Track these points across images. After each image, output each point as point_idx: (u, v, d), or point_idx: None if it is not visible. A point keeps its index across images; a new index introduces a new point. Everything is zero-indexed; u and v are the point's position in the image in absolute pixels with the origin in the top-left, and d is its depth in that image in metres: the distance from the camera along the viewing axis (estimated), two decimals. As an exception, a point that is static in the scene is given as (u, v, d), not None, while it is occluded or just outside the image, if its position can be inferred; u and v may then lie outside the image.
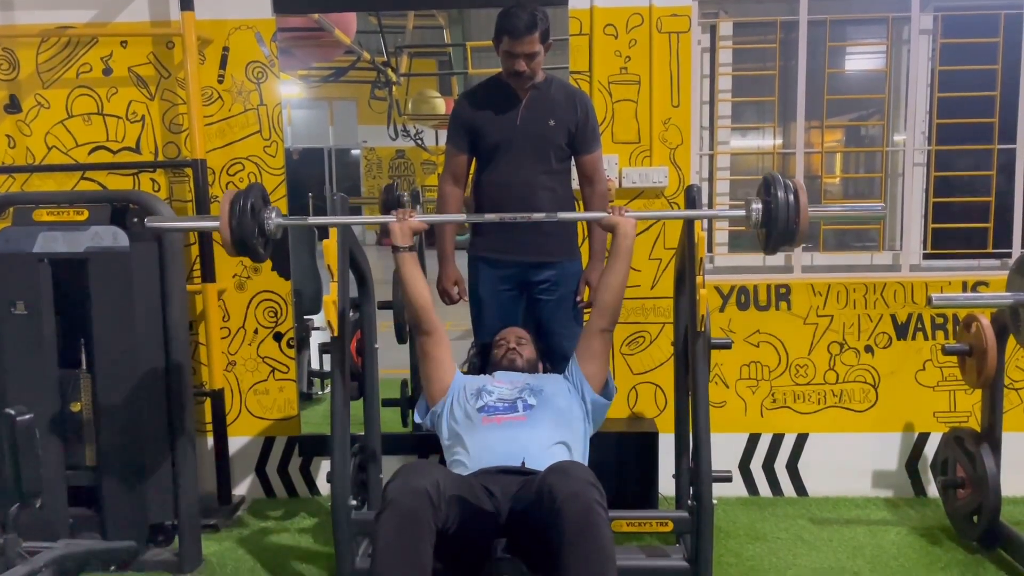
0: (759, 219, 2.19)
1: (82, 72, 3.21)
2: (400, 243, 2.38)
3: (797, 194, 2.12)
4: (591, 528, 1.83)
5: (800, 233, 2.13)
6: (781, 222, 2.13)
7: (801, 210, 2.11)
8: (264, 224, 2.25)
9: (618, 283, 2.42)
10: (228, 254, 2.27)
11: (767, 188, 2.18)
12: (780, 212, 2.12)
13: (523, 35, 2.63)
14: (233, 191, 2.22)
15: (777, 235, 2.15)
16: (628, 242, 2.40)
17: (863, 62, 3.74)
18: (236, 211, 2.18)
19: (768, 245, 2.21)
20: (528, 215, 2.51)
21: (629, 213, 2.40)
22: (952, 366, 3.18)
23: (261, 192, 2.28)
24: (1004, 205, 3.28)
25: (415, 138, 8.86)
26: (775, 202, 2.13)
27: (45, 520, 2.70)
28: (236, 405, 3.34)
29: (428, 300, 2.43)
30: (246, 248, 2.22)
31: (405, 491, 1.88)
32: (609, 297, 2.43)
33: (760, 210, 2.19)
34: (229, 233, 2.18)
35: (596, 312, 2.46)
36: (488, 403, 2.38)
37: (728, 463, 3.27)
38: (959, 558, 2.76)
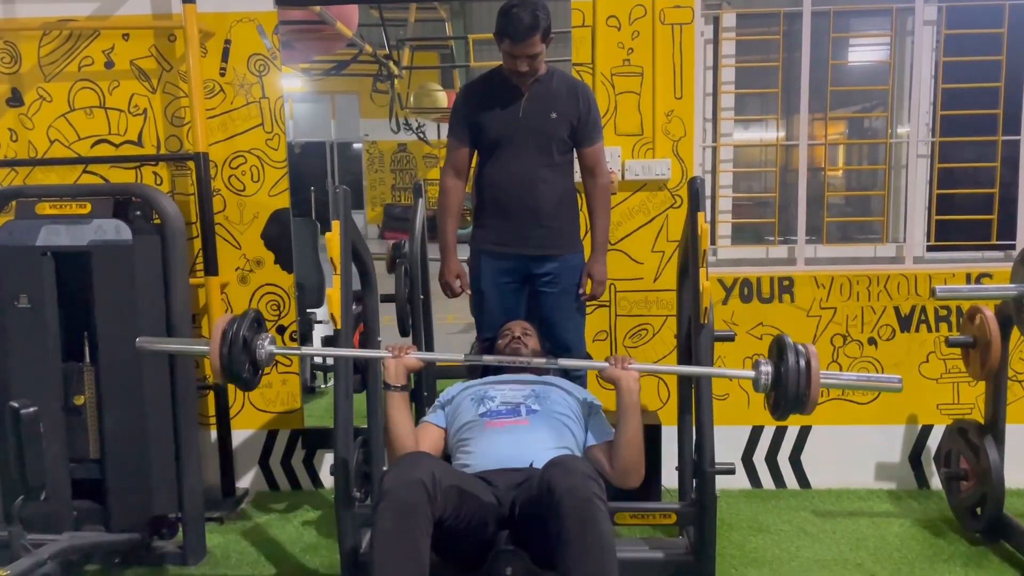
0: (768, 382, 2.09)
1: (84, 65, 3.21)
2: (393, 381, 2.26)
3: (809, 361, 2.02)
4: (591, 521, 1.83)
5: (810, 402, 2.02)
6: (791, 389, 2.02)
7: (812, 378, 2.01)
8: (255, 353, 2.19)
9: (634, 439, 2.24)
10: (216, 381, 2.21)
11: (778, 352, 2.09)
12: (790, 378, 2.02)
13: (524, 38, 2.62)
14: (227, 316, 2.17)
15: (787, 403, 2.05)
16: (633, 397, 2.24)
17: (867, 53, 3.72)
18: (227, 339, 2.12)
19: (776, 411, 2.11)
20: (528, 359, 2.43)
21: (632, 365, 2.27)
22: (955, 358, 3.17)
23: (256, 318, 2.23)
24: (1008, 197, 3.28)
25: (417, 131, 8.85)
26: (785, 367, 2.03)
27: (49, 513, 2.70)
28: (239, 398, 3.35)
29: (411, 442, 2.27)
30: (235, 378, 2.17)
31: (401, 482, 1.88)
32: (626, 454, 2.24)
33: (770, 373, 2.09)
34: (219, 361, 2.13)
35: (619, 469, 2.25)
36: (491, 408, 2.37)
37: (731, 455, 3.27)
38: (962, 550, 2.75)
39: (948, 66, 3.29)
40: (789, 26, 3.31)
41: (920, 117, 3.31)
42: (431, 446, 2.38)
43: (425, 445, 2.35)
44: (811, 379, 2.01)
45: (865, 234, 3.73)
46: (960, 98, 3.30)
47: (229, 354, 2.13)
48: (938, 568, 2.64)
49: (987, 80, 3.25)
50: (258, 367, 2.22)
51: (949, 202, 3.38)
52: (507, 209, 2.85)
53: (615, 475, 2.25)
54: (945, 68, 3.30)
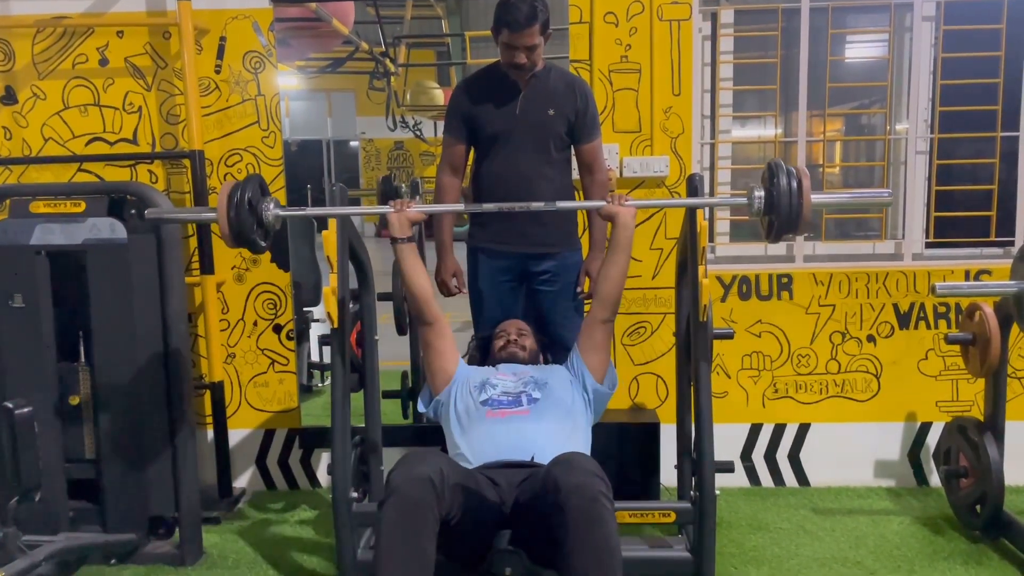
0: (761, 207, 2.15)
1: (78, 63, 3.19)
2: (398, 234, 2.36)
3: (800, 181, 2.08)
4: (596, 520, 1.82)
5: (803, 220, 2.08)
6: (784, 209, 2.08)
7: (804, 197, 2.06)
8: (262, 215, 2.23)
9: (618, 273, 2.40)
10: (227, 245, 2.25)
11: (770, 176, 2.14)
12: (783, 199, 2.08)
13: (523, 28, 2.60)
14: (231, 182, 2.20)
15: (780, 223, 2.11)
16: (628, 232, 2.36)
17: (865, 49, 3.71)
18: (234, 202, 2.16)
19: (771, 233, 2.16)
20: (527, 204, 2.47)
21: (629, 202, 2.36)
22: (954, 355, 3.17)
23: (259, 182, 2.26)
24: (1007, 193, 3.27)
25: (414, 129, 8.84)
26: (777, 189, 2.09)
27: (45, 513, 2.69)
28: (236, 397, 3.33)
29: (429, 291, 2.42)
30: (244, 240, 2.20)
31: (409, 479, 1.87)
32: (610, 287, 2.40)
33: (763, 198, 2.14)
34: (227, 225, 2.16)
35: (597, 303, 2.44)
36: (492, 396, 2.37)
37: (730, 453, 3.26)
38: (962, 547, 2.75)
39: (947, 62, 3.28)
40: (787, 22, 3.30)
41: (919, 113, 3.30)
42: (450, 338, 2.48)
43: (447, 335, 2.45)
44: (803, 198, 2.06)
45: (864, 231, 3.72)
46: (959, 94, 3.29)
47: (237, 217, 2.15)
48: (938, 566, 2.63)
49: (986, 76, 3.23)
50: (267, 229, 2.25)
51: (948, 199, 3.37)
52: (504, 206, 2.83)
53: (591, 313, 2.47)
54: (944, 64, 3.29)
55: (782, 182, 2.09)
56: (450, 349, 2.47)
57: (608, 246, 2.44)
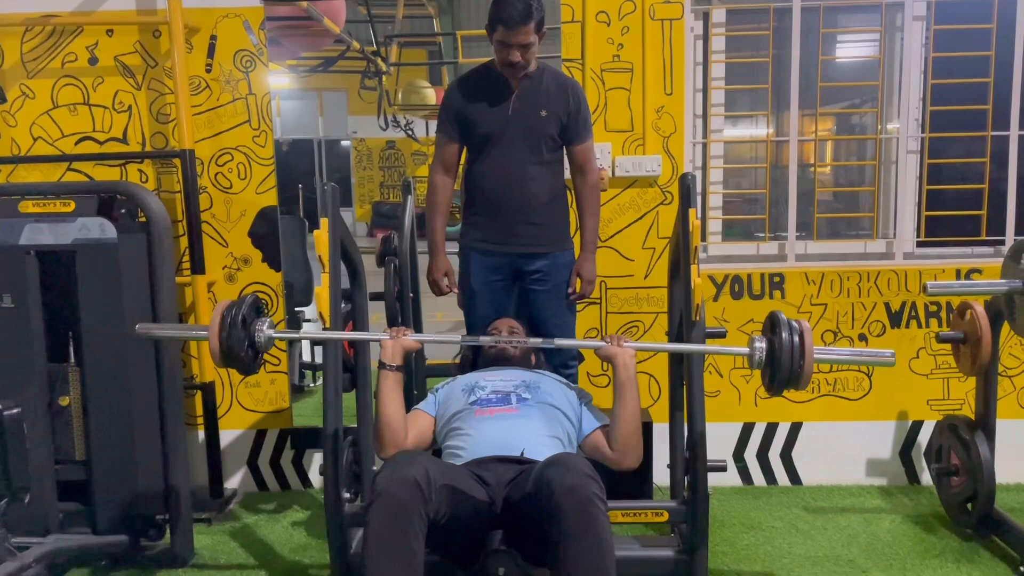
0: (762, 359, 2.09)
1: (67, 61, 3.17)
2: (389, 361, 2.25)
3: (803, 336, 2.03)
4: (590, 522, 1.81)
5: (804, 377, 2.03)
6: (785, 364, 2.03)
7: (807, 353, 2.02)
8: (255, 337, 2.17)
9: (630, 414, 2.24)
10: (216, 365, 2.21)
11: (772, 328, 2.10)
12: (784, 354, 2.03)
13: (518, 25, 2.60)
14: (226, 302, 2.16)
15: (781, 378, 2.06)
16: (629, 372, 2.26)
17: (856, 49, 3.72)
18: (226, 323, 2.12)
19: (772, 387, 2.12)
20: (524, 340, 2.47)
21: (627, 344, 2.28)
22: (946, 354, 3.18)
23: (254, 303, 2.22)
24: (997, 192, 3.28)
25: (405, 128, 8.83)
26: (779, 342, 2.04)
27: (34, 515, 2.66)
28: (227, 398, 3.32)
29: (401, 424, 2.26)
30: (235, 361, 2.16)
31: (395, 481, 1.86)
32: (624, 430, 2.24)
33: (764, 349, 2.09)
34: (218, 345, 2.12)
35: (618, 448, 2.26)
36: (481, 397, 2.36)
37: (722, 452, 3.27)
38: (953, 545, 2.76)
39: (937, 62, 3.29)
40: (779, 21, 3.30)
41: (910, 113, 3.31)
42: (419, 433, 2.37)
43: (414, 431, 2.33)
44: (805, 354, 2.03)
45: (855, 230, 3.73)
46: (949, 94, 3.30)
47: (228, 338, 2.12)
48: (929, 564, 2.64)
49: (976, 76, 3.25)
50: (258, 351, 2.21)
51: (939, 198, 3.38)
52: (496, 206, 2.83)
53: (614, 455, 2.27)
54: (934, 64, 3.30)
55: (783, 336, 2.04)
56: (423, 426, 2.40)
57: (614, 390, 2.28)
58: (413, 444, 2.31)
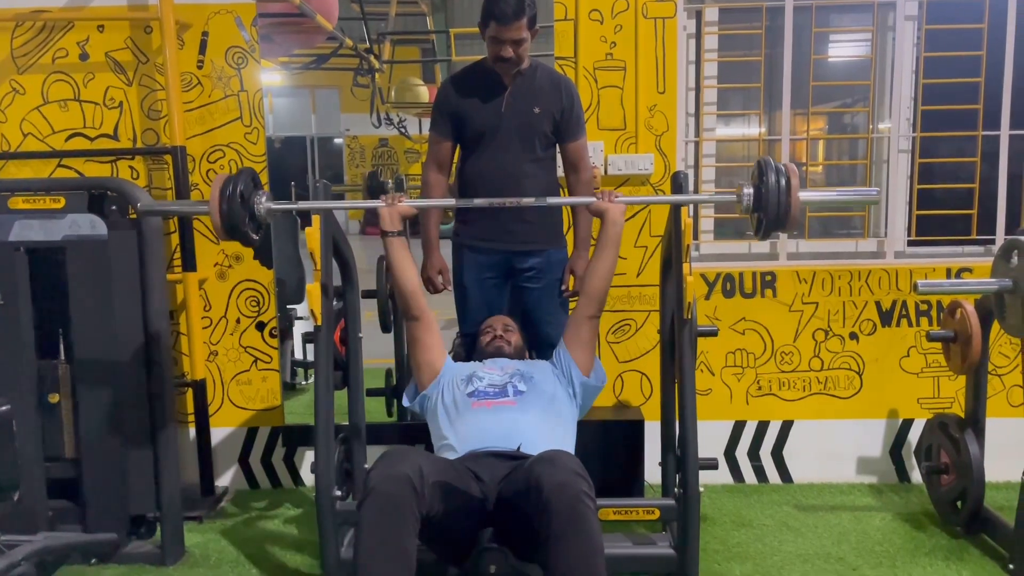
0: (750, 204, 2.16)
1: (58, 57, 3.15)
2: (389, 227, 2.38)
3: (789, 178, 2.09)
4: (579, 519, 1.82)
5: (792, 217, 2.09)
6: (772, 206, 2.10)
7: (792, 194, 2.07)
8: (255, 209, 2.23)
9: (606, 270, 2.41)
10: (218, 238, 2.25)
11: (759, 173, 2.15)
12: (771, 196, 2.09)
13: (511, 21, 2.60)
14: (224, 175, 2.21)
15: (769, 220, 2.12)
16: (617, 228, 2.38)
17: (848, 48, 3.73)
18: (226, 195, 2.16)
19: (760, 230, 2.17)
20: (517, 200, 2.48)
21: (619, 198, 2.37)
22: (936, 352, 3.19)
23: (252, 176, 2.26)
24: (988, 192, 3.29)
25: (398, 126, 8.81)
26: (766, 186, 2.10)
27: (24, 513, 2.66)
28: (218, 395, 3.31)
29: (417, 285, 2.44)
30: (237, 233, 2.21)
31: (387, 478, 1.86)
32: (597, 283, 2.41)
33: (751, 195, 2.15)
34: (219, 218, 2.17)
35: (584, 299, 2.45)
36: (478, 388, 2.37)
37: (713, 450, 3.27)
38: (943, 543, 2.77)
39: (929, 61, 3.30)
40: (771, 20, 3.31)
41: (901, 112, 3.32)
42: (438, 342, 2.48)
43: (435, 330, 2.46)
44: (791, 195, 2.07)
45: (846, 229, 3.74)
46: (941, 93, 3.31)
47: (229, 210, 2.16)
48: (919, 561, 2.65)
49: (968, 75, 3.26)
50: (258, 223, 2.26)
51: (930, 197, 3.40)
52: (490, 203, 2.82)
53: (578, 309, 2.47)
54: (926, 63, 3.31)
55: (771, 179, 2.10)
56: (437, 344, 2.47)
57: (596, 242, 2.44)
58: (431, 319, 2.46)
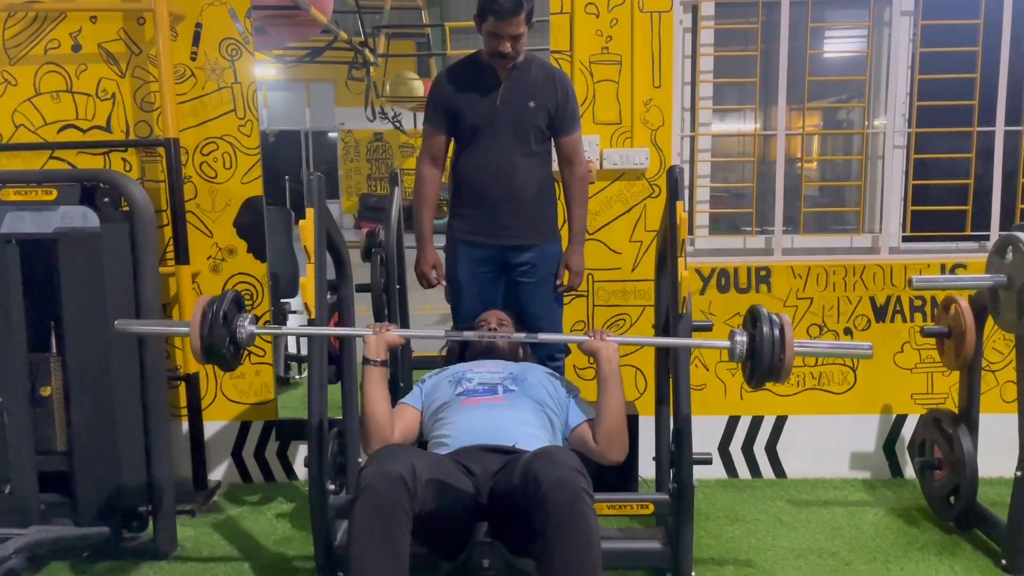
0: (743, 352, 2.12)
1: (50, 48, 3.13)
2: (374, 356, 2.27)
3: (783, 329, 2.05)
4: (577, 516, 1.81)
5: (785, 369, 2.05)
6: (766, 357, 2.06)
7: (787, 346, 2.04)
8: (236, 333, 2.17)
9: (616, 407, 2.26)
10: (197, 362, 2.19)
11: (752, 322, 2.12)
12: (765, 347, 2.05)
13: (509, 16, 2.59)
14: (207, 297, 2.15)
15: (762, 371, 2.08)
16: (613, 366, 2.28)
17: (844, 44, 3.73)
18: (208, 320, 2.11)
19: (753, 380, 2.14)
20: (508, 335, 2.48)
21: (610, 337, 2.30)
22: (930, 348, 3.20)
23: (235, 299, 2.21)
24: (983, 188, 3.29)
25: (393, 120, 8.79)
26: (760, 335, 2.06)
27: (15, 506, 2.65)
28: (211, 389, 3.29)
29: (387, 419, 2.26)
30: (216, 357, 2.15)
31: (380, 477, 1.85)
32: (610, 422, 2.25)
33: (744, 343, 2.11)
34: (199, 343, 2.11)
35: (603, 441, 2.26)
36: (468, 388, 2.36)
37: (707, 445, 3.27)
38: (936, 538, 2.77)
39: (925, 57, 3.30)
40: (767, 16, 3.30)
41: (897, 108, 3.32)
42: (405, 426, 2.36)
43: (400, 425, 2.33)
44: (785, 347, 2.04)
45: (841, 225, 3.74)
46: (936, 89, 3.30)
47: (210, 334, 2.11)
48: (912, 556, 2.65)
49: (963, 71, 3.26)
50: (239, 347, 2.20)
51: (925, 193, 3.40)
52: (484, 198, 2.82)
53: (599, 448, 2.27)
54: (922, 59, 3.30)
55: (764, 329, 2.06)
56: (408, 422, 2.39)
57: (597, 383, 2.30)
58: (400, 438, 2.30)
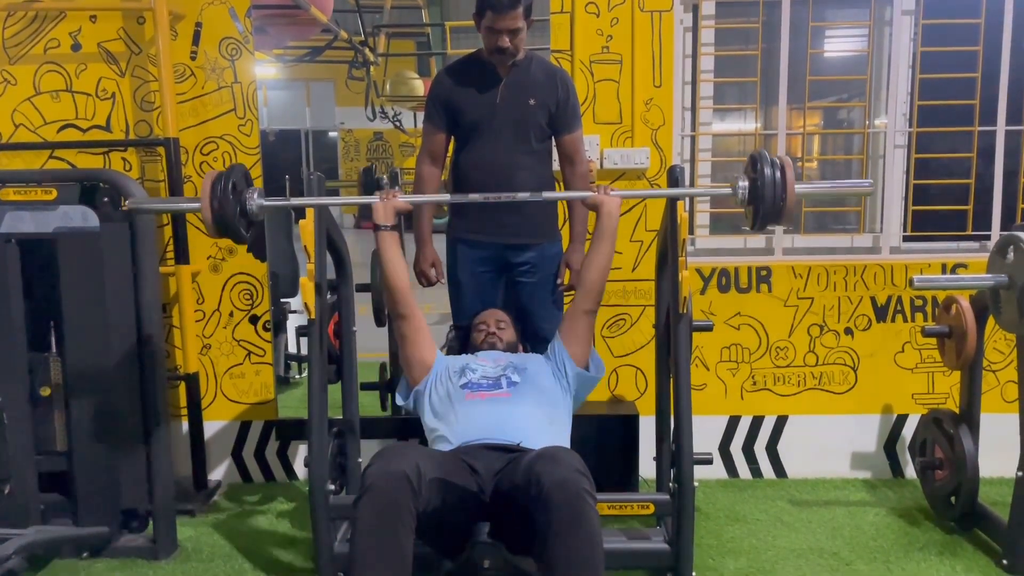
0: (745, 196, 2.16)
1: (50, 48, 3.12)
2: (383, 220, 2.35)
3: (784, 171, 2.08)
4: (580, 517, 1.80)
5: (787, 209, 2.09)
6: (768, 199, 2.09)
7: (788, 187, 2.07)
8: (246, 205, 2.21)
9: (603, 263, 2.39)
10: (209, 235, 2.22)
11: (754, 165, 2.14)
12: (767, 189, 2.09)
13: (507, 10, 2.59)
14: (214, 172, 2.18)
15: (764, 212, 2.11)
16: (613, 222, 2.37)
17: (845, 43, 3.72)
18: (217, 192, 2.13)
19: (755, 223, 2.17)
20: (512, 194, 2.46)
21: (614, 192, 2.37)
22: (931, 348, 3.19)
23: (243, 172, 2.24)
24: (984, 187, 3.29)
25: (393, 120, 8.77)
26: (762, 179, 2.09)
27: (15, 506, 2.65)
28: (211, 389, 3.29)
29: (406, 282, 2.40)
30: (228, 229, 2.18)
31: (384, 476, 1.84)
32: (594, 277, 2.40)
33: (747, 187, 2.15)
34: (211, 214, 2.14)
35: (580, 293, 2.44)
36: (471, 380, 2.36)
37: (708, 445, 3.27)
38: (937, 539, 2.77)
39: (926, 56, 3.29)
40: (768, 15, 3.29)
41: (897, 107, 3.32)
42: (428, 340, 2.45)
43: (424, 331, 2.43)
44: (787, 188, 2.06)
45: (842, 224, 3.74)
46: (937, 89, 3.30)
47: (221, 207, 2.13)
48: (913, 556, 2.65)
49: (964, 71, 3.25)
50: (250, 219, 2.23)
51: (926, 193, 3.39)
52: (484, 197, 2.81)
53: (574, 303, 2.44)
54: (923, 58, 3.30)
55: (766, 171, 2.09)
56: (427, 340, 2.45)
57: (592, 235, 2.42)
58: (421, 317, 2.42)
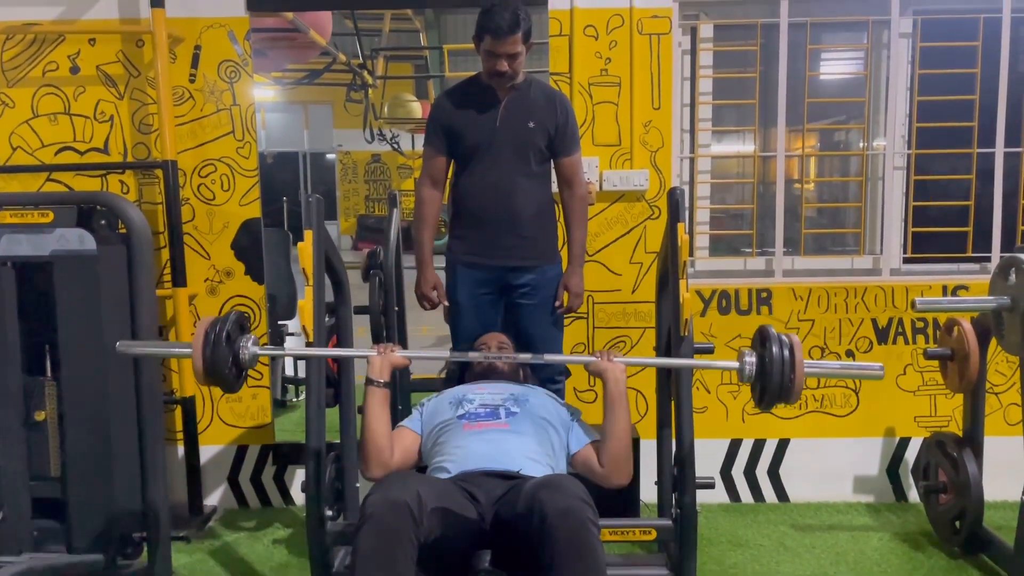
0: (752, 373, 2.08)
1: (49, 70, 3.13)
2: (377, 377, 2.23)
3: (792, 349, 2.02)
4: (584, 546, 1.77)
5: (795, 390, 2.02)
6: (775, 378, 2.02)
7: (797, 366, 2.01)
8: (239, 354, 2.13)
9: (622, 430, 2.21)
10: (199, 383, 2.17)
11: (762, 342, 2.09)
12: (775, 368, 2.02)
13: (506, 35, 2.59)
14: (209, 318, 2.13)
15: (772, 392, 2.05)
16: (620, 388, 2.23)
17: (843, 66, 3.74)
18: (210, 340, 2.07)
19: (762, 402, 2.10)
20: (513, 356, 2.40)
21: (617, 358, 2.27)
22: (932, 370, 3.18)
23: (238, 319, 2.18)
24: (983, 209, 3.29)
25: (391, 142, 8.81)
26: (770, 356, 2.03)
27: (8, 533, 2.62)
28: (208, 413, 3.26)
29: (387, 442, 2.22)
30: (218, 379, 2.11)
31: (385, 505, 1.81)
32: (616, 445, 2.21)
33: (754, 364, 2.08)
34: (202, 363, 2.07)
35: (608, 464, 2.22)
36: (469, 411, 2.32)
37: (709, 469, 3.24)
38: (941, 564, 2.74)
39: (924, 79, 3.31)
40: (766, 38, 3.31)
41: (896, 129, 3.32)
42: (405, 450, 2.32)
43: (399, 448, 2.29)
44: (795, 368, 2.01)
45: (842, 246, 3.73)
46: (936, 111, 3.31)
47: (212, 355, 2.07)
48: (918, 582, 2.63)
49: (962, 93, 3.26)
50: (242, 368, 2.16)
51: (925, 214, 3.39)
52: (484, 219, 2.80)
53: (604, 472, 2.23)
54: (921, 81, 3.31)
55: (773, 350, 2.03)
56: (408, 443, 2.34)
57: (603, 404, 2.26)
58: (399, 463, 2.26)
